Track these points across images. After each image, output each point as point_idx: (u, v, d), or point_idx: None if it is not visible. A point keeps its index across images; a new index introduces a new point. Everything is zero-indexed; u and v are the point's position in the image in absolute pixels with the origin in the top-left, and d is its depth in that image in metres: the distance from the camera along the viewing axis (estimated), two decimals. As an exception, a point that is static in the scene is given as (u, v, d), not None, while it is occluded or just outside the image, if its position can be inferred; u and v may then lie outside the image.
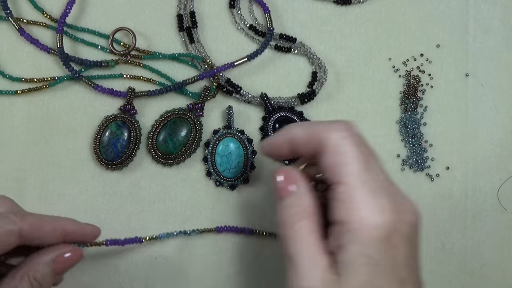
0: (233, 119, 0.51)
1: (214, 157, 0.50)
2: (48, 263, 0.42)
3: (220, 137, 0.51)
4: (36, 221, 0.42)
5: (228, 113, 0.51)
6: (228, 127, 0.51)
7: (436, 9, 0.54)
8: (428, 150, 0.53)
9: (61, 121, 0.51)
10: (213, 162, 0.50)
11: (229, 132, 0.51)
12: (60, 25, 0.50)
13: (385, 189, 0.38)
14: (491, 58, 0.54)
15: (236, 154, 0.50)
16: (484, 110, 0.53)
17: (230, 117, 0.51)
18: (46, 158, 0.51)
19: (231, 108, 0.51)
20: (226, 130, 0.51)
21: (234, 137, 0.51)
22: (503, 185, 0.53)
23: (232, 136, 0.51)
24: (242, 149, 0.51)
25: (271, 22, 0.53)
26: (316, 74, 0.53)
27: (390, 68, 0.53)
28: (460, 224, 0.52)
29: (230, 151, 0.50)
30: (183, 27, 0.53)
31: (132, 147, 0.50)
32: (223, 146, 0.50)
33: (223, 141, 0.51)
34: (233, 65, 0.51)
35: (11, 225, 0.41)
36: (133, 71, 0.52)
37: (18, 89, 0.51)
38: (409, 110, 0.53)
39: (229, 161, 0.50)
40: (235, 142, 0.51)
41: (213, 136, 0.51)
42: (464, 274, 0.52)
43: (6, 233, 0.40)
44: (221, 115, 0.52)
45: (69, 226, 0.44)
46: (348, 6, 0.54)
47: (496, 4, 0.54)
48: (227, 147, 0.50)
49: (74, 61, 0.51)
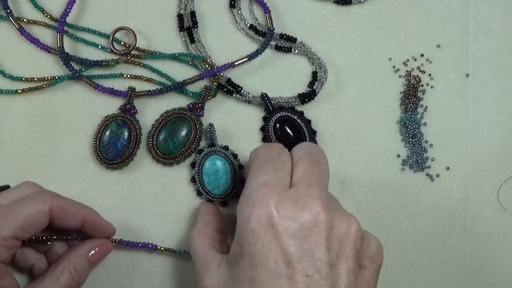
0: (216, 135, 0.51)
1: (202, 176, 0.50)
2: (84, 255, 0.46)
3: (205, 156, 0.50)
4: (63, 203, 0.45)
5: (210, 131, 0.51)
6: (212, 145, 0.51)
7: (436, 9, 0.54)
8: (428, 150, 0.53)
9: (61, 120, 0.51)
10: (201, 181, 0.50)
11: (213, 150, 0.50)
12: (60, 25, 0.50)
13: None
14: (492, 58, 0.54)
15: (223, 171, 0.50)
16: (484, 110, 0.53)
17: (212, 134, 0.51)
18: (46, 157, 0.51)
19: (213, 126, 0.51)
20: (210, 149, 0.50)
21: (219, 154, 0.50)
22: (503, 185, 0.53)
23: (217, 154, 0.50)
24: (228, 165, 0.50)
25: (272, 22, 0.53)
26: (317, 74, 0.53)
27: (390, 68, 0.53)
28: (460, 224, 0.52)
29: (217, 169, 0.50)
30: (184, 27, 0.53)
31: (132, 147, 0.50)
32: (209, 164, 0.50)
33: (209, 160, 0.50)
34: (234, 65, 0.51)
35: (41, 205, 0.43)
36: (133, 70, 0.52)
37: (18, 89, 0.51)
38: (409, 110, 0.53)
39: (217, 179, 0.50)
40: (220, 159, 0.50)
41: (198, 156, 0.50)
42: (464, 274, 0.52)
43: (39, 213, 0.43)
44: (221, 115, 0.52)
45: (89, 216, 0.46)
46: (349, 6, 0.54)
47: (497, 5, 0.54)
48: (213, 165, 0.50)
49: (75, 60, 0.51)
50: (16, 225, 0.42)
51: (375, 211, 0.52)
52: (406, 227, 0.52)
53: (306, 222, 0.39)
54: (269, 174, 0.42)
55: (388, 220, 0.52)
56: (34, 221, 0.43)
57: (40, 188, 0.46)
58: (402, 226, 0.52)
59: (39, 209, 0.43)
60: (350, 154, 0.52)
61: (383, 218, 0.52)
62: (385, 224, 0.52)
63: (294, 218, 0.39)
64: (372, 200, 0.52)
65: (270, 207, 0.39)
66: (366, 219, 0.52)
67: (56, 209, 0.44)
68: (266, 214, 0.39)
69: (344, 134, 0.53)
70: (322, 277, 0.37)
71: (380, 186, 0.52)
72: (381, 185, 0.52)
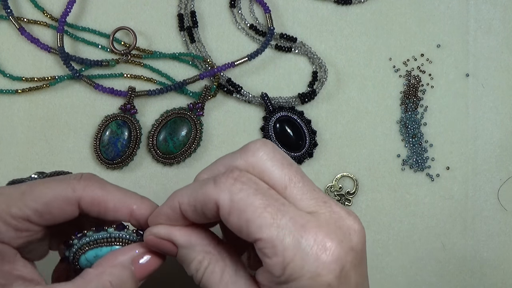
0: None
1: None
2: (126, 265, 0.35)
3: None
4: (101, 195, 0.35)
5: None
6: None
7: (436, 9, 0.54)
8: (428, 150, 0.53)
9: (61, 120, 0.51)
10: None
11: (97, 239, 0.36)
12: (60, 24, 0.50)
13: (318, 218, 0.33)
14: (492, 58, 0.54)
15: None
16: (484, 110, 0.53)
17: None
18: (46, 157, 0.51)
19: None
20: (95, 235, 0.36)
21: None
22: (503, 185, 0.53)
23: None
24: None
25: (272, 21, 0.53)
26: (317, 73, 0.53)
27: (390, 68, 0.53)
28: (460, 224, 0.52)
29: None
30: (184, 27, 0.53)
31: (132, 147, 0.50)
32: None
33: None
34: (234, 64, 0.52)
35: (69, 192, 0.35)
36: (133, 70, 0.52)
37: (19, 88, 0.51)
38: (409, 110, 0.53)
39: None
40: None
41: None
42: (464, 274, 0.52)
43: (64, 201, 0.35)
44: (221, 115, 0.52)
45: (139, 210, 0.36)
46: (349, 6, 0.54)
47: (497, 5, 0.54)
48: None
49: (75, 60, 0.51)
50: (32, 206, 0.34)
51: (375, 211, 0.52)
52: (406, 227, 0.52)
53: None
54: None
55: (388, 220, 0.52)
56: (56, 209, 0.35)
57: (90, 175, 0.37)
58: (402, 226, 0.52)
59: (65, 196, 0.35)
60: (350, 154, 0.52)
61: (383, 218, 0.52)
62: (385, 224, 0.52)
63: None
64: (372, 200, 0.52)
65: None
66: (366, 219, 0.52)
67: (88, 201, 0.35)
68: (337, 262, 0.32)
69: (344, 134, 0.53)
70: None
71: (380, 186, 0.52)
72: (381, 185, 0.52)
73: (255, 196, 0.32)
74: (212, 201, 0.32)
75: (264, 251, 0.32)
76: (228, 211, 0.32)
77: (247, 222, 0.32)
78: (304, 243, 0.32)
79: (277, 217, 0.32)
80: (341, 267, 0.32)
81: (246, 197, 0.32)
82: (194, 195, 0.33)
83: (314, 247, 0.32)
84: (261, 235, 0.31)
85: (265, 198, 0.32)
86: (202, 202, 0.33)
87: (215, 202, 0.32)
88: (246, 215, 0.32)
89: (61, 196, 0.35)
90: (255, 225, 0.32)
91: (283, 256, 0.31)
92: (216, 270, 0.34)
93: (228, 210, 0.32)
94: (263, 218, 0.32)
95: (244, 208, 0.32)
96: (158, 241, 0.35)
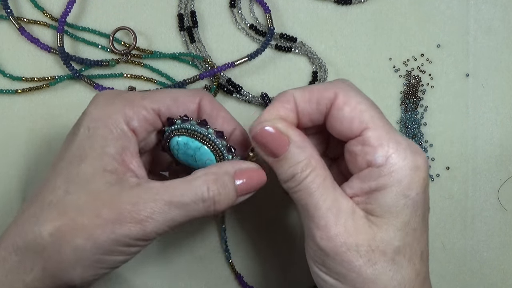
0: None
1: None
2: (230, 173, 0.38)
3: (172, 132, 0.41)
4: (217, 105, 0.42)
5: None
6: None
7: (436, 9, 0.54)
8: (428, 150, 0.53)
9: (61, 120, 0.51)
10: None
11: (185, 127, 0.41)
12: (60, 24, 0.50)
13: (399, 133, 0.38)
14: (492, 58, 0.54)
15: None
16: (484, 110, 0.53)
17: None
18: (46, 157, 0.51)
19: None
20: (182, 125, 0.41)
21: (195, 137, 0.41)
22: (503, 185, 0.53)
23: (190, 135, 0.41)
24: None
25: (272, 21, 0.53)
26: (317, 73, 0.53)
27: (390, 68, 0.53)
28: (460, 224, 0.52)
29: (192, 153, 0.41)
30: (184, 27, 0.53)
31: (132, 147, 0.50)
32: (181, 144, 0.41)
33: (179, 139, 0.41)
34: (234, 64, 0.52)
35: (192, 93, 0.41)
36: (133, 70, 0.52)
37: (19, 88, 0.51)
38: (409, 110, 0.53)
39: None
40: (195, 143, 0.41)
41: None
42: (464, 274, 0.52)
43: (188, 97, 0.41)
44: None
45: (238, 131, 0.42)
46: (349, 6, 0.54)
47: (497, 5, 0.54)
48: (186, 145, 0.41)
49: (75, 60, 0.51)
50: (162, 101, 0.40)
51: (375, 211, 0.52)
52: (406, 227, 0.52)
53: None
54: None
55: (388, 220, 0.52)
56: (182, 104, 0.40)
57: None
58: (402, 226, 0.52)
59: (190, 94, 0.41)
60: (350, 154, 0.52)
61: (383, 218, 0.52)
62: (385, 224, 0.52)
63: None
64: (372, 200, 0.52)
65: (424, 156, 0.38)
66: (366, 219, 0.52)
67: (207, 103, 0.41)
68: (426, 163, 0.38)
69: (344, 134, 0.53)
70: None
71: (380, 186, 0.52)
72: (381, 185, 0.52)
73: (365, 96, 0.38)
74: (330, 91, 0.38)
75: (370, 140, 0.37)
76: (344, 100, 0.37)
77: (360, 112, 0.37)
78: (403, 143, 0.37)
79: (380, 116, 0.38)
80: (427, 174, 0.37)
81: (359, 94, 0.38)
82: (308, 89, 0.39)
83: (409, 149, 0.36)
84: (372, 124, 0.37)
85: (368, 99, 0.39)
86: (318, 94, 0.38)
87: (334, 91, 0.38)
88: (360, 106, 0.37)
89: (187, 94, 0.41)
90: (368, 114, 0.37)
91: (388, 146, 0.36)
92: (320, 174, 0.37)
93: (344, 99, 0.37)
94: (374, 111, 0.37)
95: (360, 100, 0.38)
96: (272, 133, 0.37)
